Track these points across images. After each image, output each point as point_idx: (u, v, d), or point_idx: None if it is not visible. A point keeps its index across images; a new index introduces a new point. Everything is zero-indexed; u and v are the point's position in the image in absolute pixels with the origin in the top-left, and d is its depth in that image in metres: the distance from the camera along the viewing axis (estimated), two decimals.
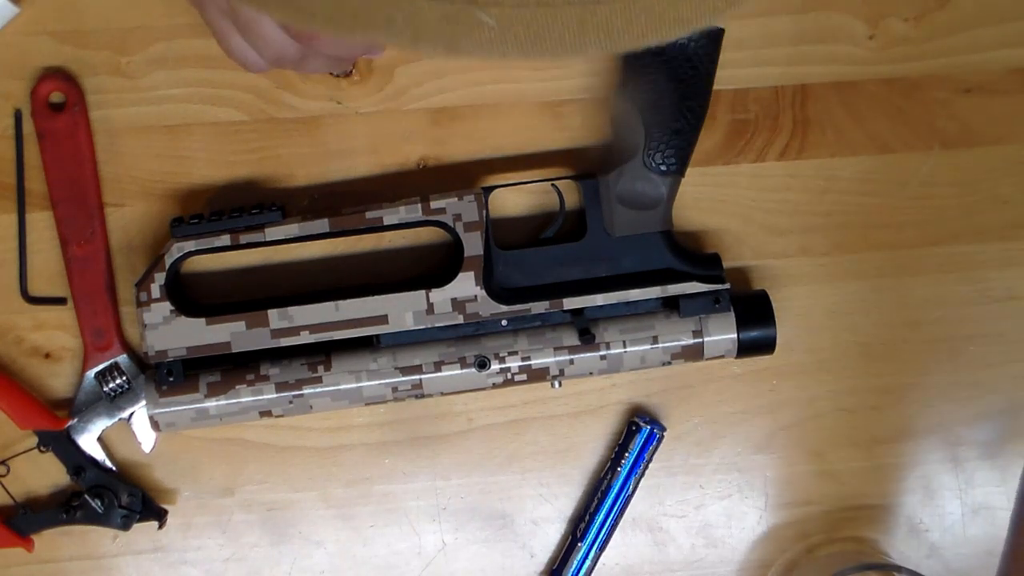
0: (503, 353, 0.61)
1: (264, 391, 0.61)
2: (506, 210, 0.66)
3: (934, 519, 0.69)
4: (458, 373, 0.62)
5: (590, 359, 0.62)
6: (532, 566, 0.68)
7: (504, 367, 0.62)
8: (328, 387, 0.61)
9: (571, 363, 0.62)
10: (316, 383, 0.61)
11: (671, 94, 0.61)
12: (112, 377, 0.63)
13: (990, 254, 0.69)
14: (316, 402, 0.61)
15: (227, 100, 0.64)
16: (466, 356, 0.61)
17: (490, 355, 0.61)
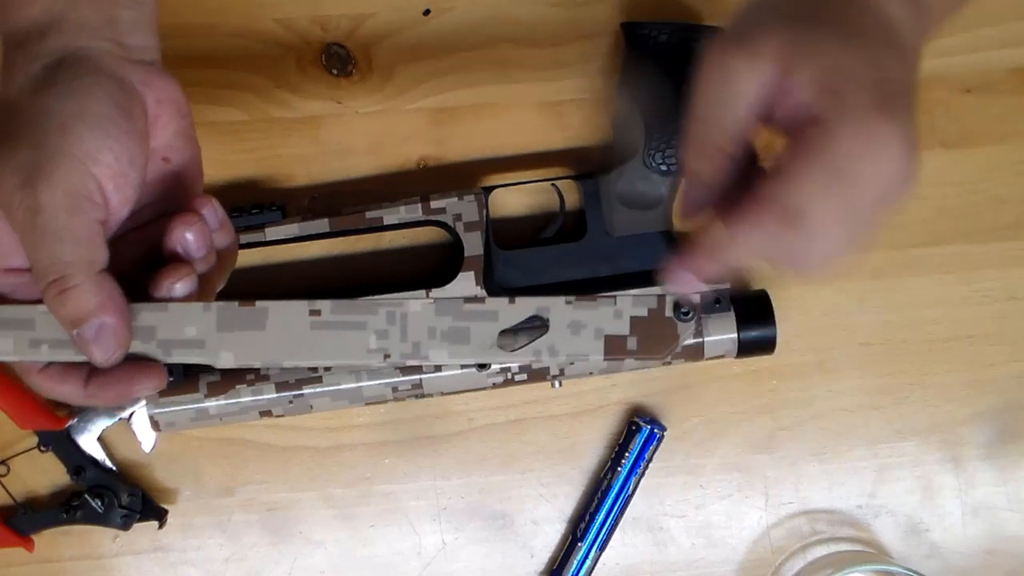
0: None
1: (264, 391, 0.61)
2: (506, 210, 0.66)
3: (934, 519, 0.69)
4: (458, 373, 0.62)
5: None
6: (532, 566, 0.68)
7: (504, 367, 0.62)
8: (328, 387, 0.61)
9: (571, 363, 0.62)
10: (316, 383, 0.61)
11: (671, 94, 0.61)
12: None
13: (990, 254, 0.69)
14: (316, 402, 0.61)
15: (227, 100, 0.64)
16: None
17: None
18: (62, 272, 0.41)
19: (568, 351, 0.48)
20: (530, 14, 0.65)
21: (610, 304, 0.48)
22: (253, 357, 0.47)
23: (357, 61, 0.65)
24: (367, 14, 0.64)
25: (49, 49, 0.44)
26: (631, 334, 0.48)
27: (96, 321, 0.42)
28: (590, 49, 0.66)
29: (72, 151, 0.41)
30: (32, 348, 0.45)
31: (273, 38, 0.64)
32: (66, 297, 0.42)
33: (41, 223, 0.41)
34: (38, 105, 0.43)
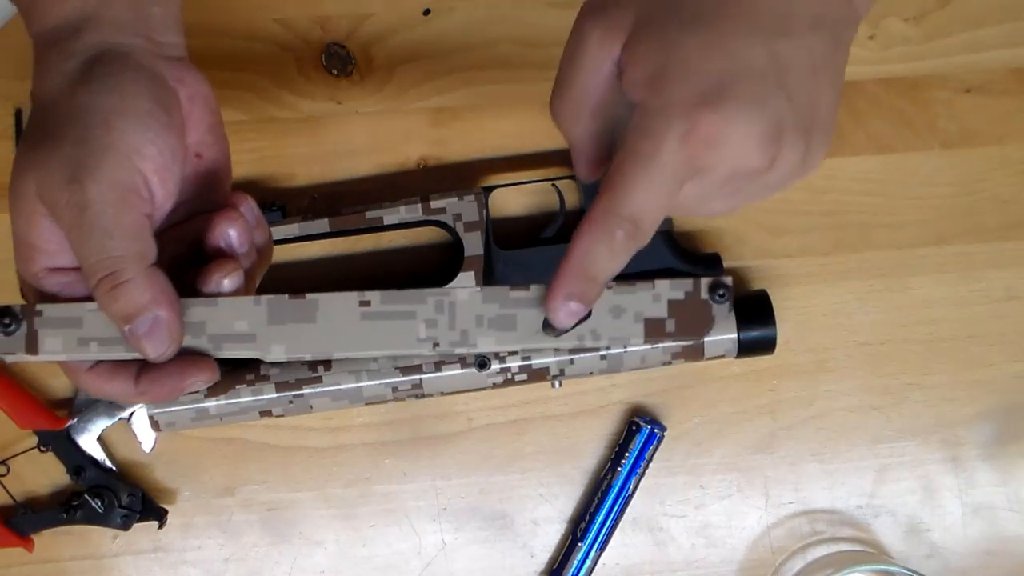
0: (503, 353, 0.61)
1: (264, 391, 0.61)
2: (506, 210, 0.66)
3: (934, 519, 0.69)
4: (458, 373, 0.62)
5: (590, 359, 0.62)
6: (532, 566, 0.68)
7: (504, 367, 0.62)
8: (328, 387, 0.61)
9: (571, 363, 0.62)
10: (316, 383, 0.61)
11: None
12: None
13: (990, 254, 0.69)
14: (316, 402, 0.61)
15: (227, 100, 0.64)
16: (466, 356, 0.61)
17: (490, 355, 0.61)
18: (113, 267, 0.41)
19: (610, 335, 0.49)
20: (530, 14, 0.65)
21: (648, 288, 0.48)
22: (304, 349, 0.47)
23: (357, 61, 0.65)
24: (367, 14, 0.64)
25: (84, 46, 0.44)
26: (669, 316, 0.49)
27: (149, 315, 0.42)
28: None
29: (117, 145, 0.41)
30: (81, 347, 0.45)
31: (273, 38, 0.64)
32: (118, 292, 0.41)
33: (89, 219, 0.41)
34: (78, 101, 0.42)
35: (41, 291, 0.44)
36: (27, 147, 0.43)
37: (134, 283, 0.42)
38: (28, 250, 0.43)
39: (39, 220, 0.42)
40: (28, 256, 0.43)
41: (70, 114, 0.42)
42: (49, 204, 0.42)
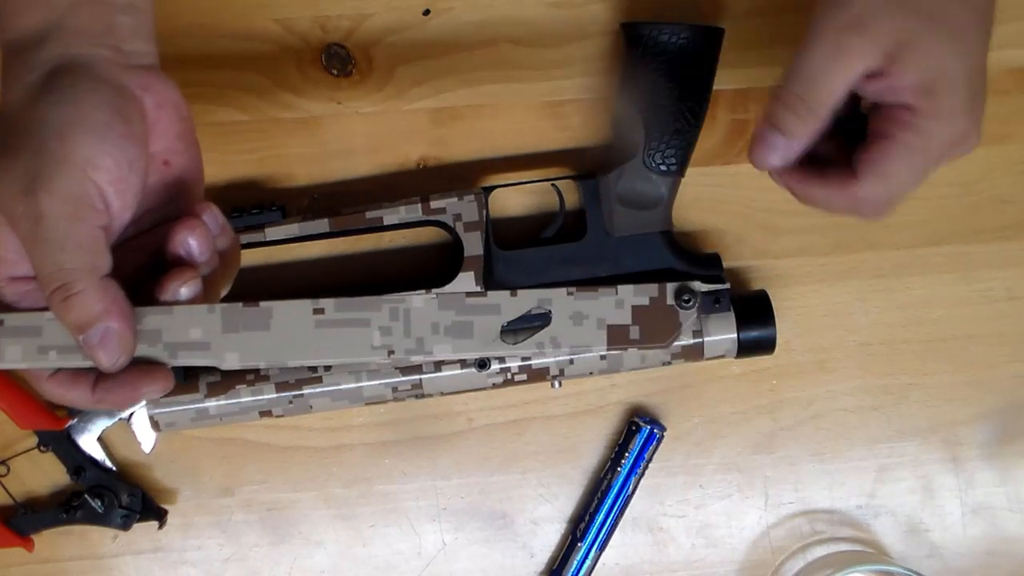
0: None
1: (264, 391, 0.61)
2: (506, 210, 0.66)
3: (934, 519, 0.69)
4: (458, 373, 0.62)
5: (590, 359, 0.62)
6: (532, 566, 0.68)
7: (504, 367, 0.62)
8: (328, 387, 0.61)
9: (571, 363, 0.62)
10: (316, 383, 0.61)
11: (671, 94, 0.61)
12: None
13: (990, 254, 0.69)
14: (316, 402, 0.61)
15: (227, 100, 0.64)
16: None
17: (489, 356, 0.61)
18: (66, 279, 0.42)
19: (571, 342, 0.48)
20: (530, 14, 0.65)
21: (611, 294, 0.48)
22: (258, 357, 0.47)
23: (357, 61, 0.65)
24: (367, 14, 0.64)
25: (46, 57, 0.44)
26: (633, 323, 0.49)
27: (101, 326, 0.43)
28: (590, 49, 0.66)
29: (71, 158, 0.42)
30: (40, 355, 0.45)
31: (273, 38, 0.64)
32: (71, 303, 0.42)
33: (43, 231, 0.41)
34: (36, 113, 0.43)
35: (1, 300, 0.45)
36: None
37: (86, 294, 0.42)
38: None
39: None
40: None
41: (27, 126, 0.42)
42: (6, 215, 0.42)
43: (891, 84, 0.49)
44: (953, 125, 0.49)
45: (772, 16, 0.66)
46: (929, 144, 0.49)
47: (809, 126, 0.50)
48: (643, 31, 0.60)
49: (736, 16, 0.65)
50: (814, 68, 0.49)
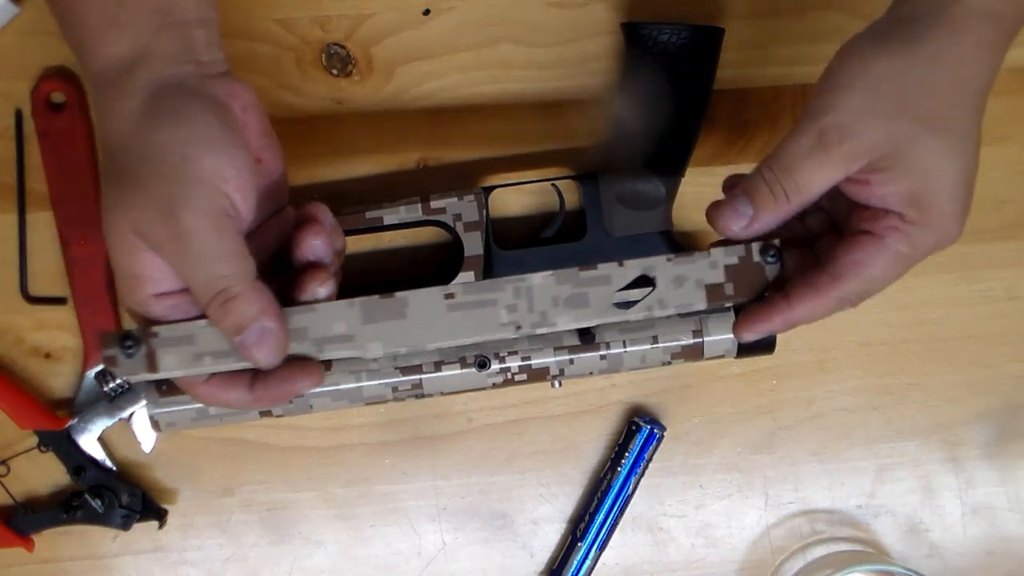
0: (503, 353, 0.61)
1: None
2: (506, 210, 0.66)
3: (934, 519, 0.69)
4: (458, 373, 0.62)
5: (590, 359, 0.62)
6: (532, 566, 0.68)
7: (504, 367, 0.62)
8: (328, 387, 0.61)
9: (571, 363, 0.62)
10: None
11: (671, 94, 0.61)
12: (112, 377, 0.63)
13: (990, 254, 0.69)
14: (316, 402, 0.61)
15: None
16: (466, 356, 0.61)
17: (490, 355, 0.61)
18: (223, 285, 0.45)
19: (676, 302, 0.53)
20: (530, 14, 0.65)
21: (705, 257, 0.53)
22: (399, 343, 0.51)
23: (357, 61, 0.65)
24: (367, 14, 0.64)
25: (140, 83, 0.46)
26: (727, 280, 0.53)
27: (258, 326, 0.46)
28: (590, 49, 0.66)
29: (200, 175, 0.44)
30: (196, 361, 0.48)
31: (273, 38, 0.64)
32: (229, 307, 0.45)
33: (193, 247, 0.44)
34: (152, 139, 0.45)
35: (149, 316, 0.47)
36: (111, 189, 0.46)
37: (243, 298, 0.45)
38: (134, 281, 0.46)
39: (140, 253, 0.45)
40: (135, 286, 0.46)
41: (148, 152, 0.45)
42: (147, 238, 0.45)
43: (877, 192, 0.48)
44: (944, 233, 0.48)
45: (772, 16, 0.66)
46: (916, 251, 0.49)
47: (780, 210, 0.50)
48: (643, 31, 0.60)
49: (736, 16, 0.65)
50: (794, 159, 0.49)
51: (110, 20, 0.46)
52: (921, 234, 0.48)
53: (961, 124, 0.48)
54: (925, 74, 0.48)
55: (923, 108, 0.47)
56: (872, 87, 0.48)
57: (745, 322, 0.53)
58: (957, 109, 0.48)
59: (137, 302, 0.46)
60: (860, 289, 0.50)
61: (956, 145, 0.48)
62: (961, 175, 0.48)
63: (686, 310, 0.53)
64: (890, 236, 0.48)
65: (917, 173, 0.47)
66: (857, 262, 0.49)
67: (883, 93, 0.47)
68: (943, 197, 0.48)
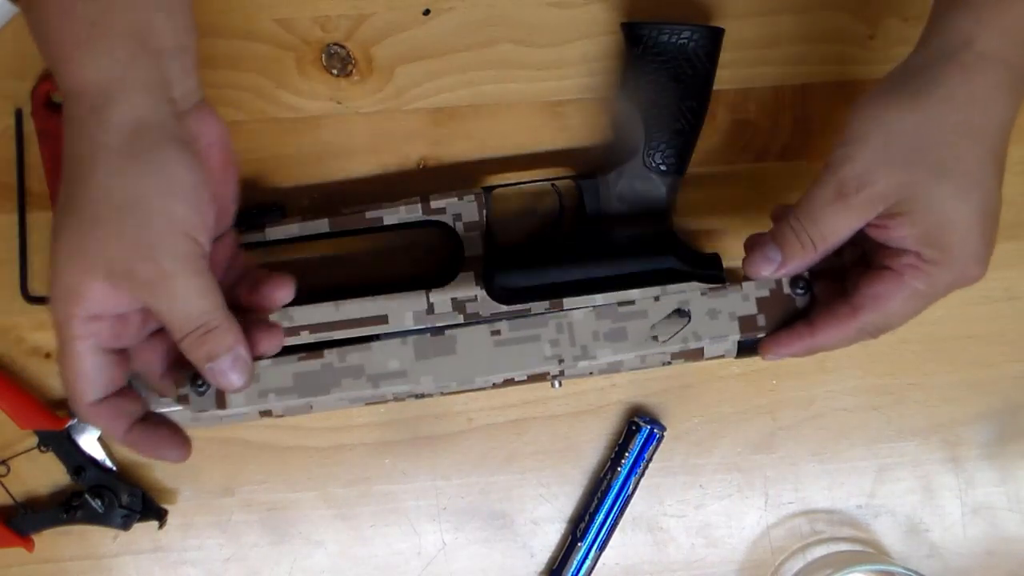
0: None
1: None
2: (506, 210, 0.66)
3: (934, 519, 0.69)
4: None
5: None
6: (532, 566, 0.68)
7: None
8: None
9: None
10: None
11: (671, 94, 0.61)
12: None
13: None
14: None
15: (227, 100, 0.64)
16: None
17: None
18: (204, 320, 0.48)
19: (710, 334, 0.57)
20: (530, 14, 0.65)
21: (737, 290, 0.57)
22: (449, 378, 0.56)
23: (357, 61, 0.65)
24: (367, 14, 0.64)
25: (116, 118, 0.47)
26: (759, 312, 0.57)
27: (233, 353, 0.49)
28: (590, 49, 0.66)
29: (175, 226, 0.47)
30: (261, 398, 0.54)
31: (273, 38, 0.64)
32: (207, 339, 0.48)
33: (177, 288, 0.47)
34: (129, 185, 0.47)
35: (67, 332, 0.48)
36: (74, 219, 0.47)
37: (220, 329, 0.48)
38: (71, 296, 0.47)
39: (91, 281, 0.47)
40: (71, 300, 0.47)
41: (124, 197, 0.47)
42: (125, 278, 0.47)
43: (895, 235, 0.51)
44: (961, 272, 0.51)
45: (772, 16, 0.66)
46: (934, 289, 0.52)
47: (806, 256, 0.53)
48: (643, 31, 0.60)
49: (736, 16, 0.66)
50: (817, 209, 0.52)
51: (83, 40, 0.47)
52: (939, 272, 0.51)
53: (973, 166, 0.50)
54: (935, 122, 0.50)
55: (933, 155, 0.50)
56: (885, 138, 0.51)
57: (770, 345, 0.57)
58: (968, 152, 0.50)
59: (65, 314, 0.48)
60: (879, 322, 0.53)
61: (967, 187, 0.50)
62: (975, 215, 0.50)
63: (720, 342, 0.57)
64: (908, 273, 0.52)
65: (930, 216, 0.50)
66: (877, 295, 0.53)
67: (895, 143, 0.50)
68: (957, 237, 0.50)
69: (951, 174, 0.50)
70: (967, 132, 0.50)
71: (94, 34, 0.47)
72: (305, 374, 0.57)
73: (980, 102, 0.50)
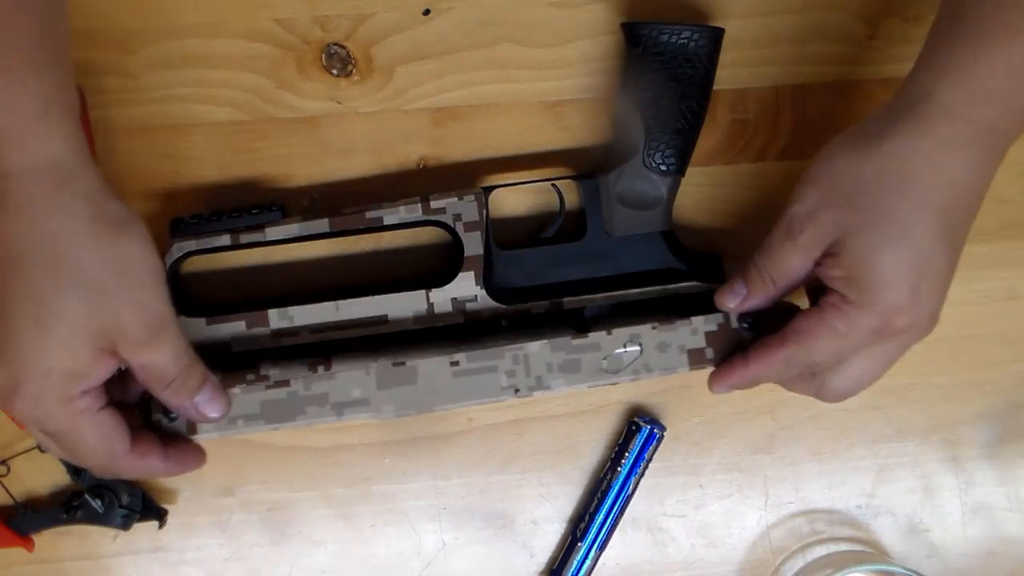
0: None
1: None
2: (506, 210, 0.66)
3: (934, 519, 0.69)
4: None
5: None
6: (532, 566, 0.68)
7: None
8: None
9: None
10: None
11: (671, 94, 0.61)
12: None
13: (990, 254, 0.69)
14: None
15: (227, 100, 0.64)
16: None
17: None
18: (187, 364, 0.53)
19: (660, 367, 0.59)
20: (530, 14, 0.65)
21: (687, 324, 0.59)
22: (410, 407, 0.58)
23: (357, 61, 0.65)
24: (367, 14, 0.64)
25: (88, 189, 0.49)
26: (707, 346, 0.59)
27: (208, 386, 0.55)
28: (590, 49, 0.66)
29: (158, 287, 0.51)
30: (230, 424, 0.57)
31: (273, 38, 0.64)
32: (188, 383, 0.53)
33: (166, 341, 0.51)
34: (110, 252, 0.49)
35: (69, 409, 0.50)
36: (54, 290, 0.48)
37: (194, 370, 0.53)
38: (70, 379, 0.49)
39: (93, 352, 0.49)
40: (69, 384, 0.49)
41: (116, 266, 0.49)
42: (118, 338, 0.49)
43: (827, 274, 0.53)
44: (882, 319, 0.52)
45: (772, 16, 0.66)
46: (852, 331, 0.53)
47: (767, 292, 0.56)
48: (643, 31, 0.60)
49: (736, 16, 0.66)
50: (774, 247, 0.55)
51: (40, 116, 0.48)
52: (858, 315, 0.52)
53: (903, 217, 0.51)
54: (876, 171, 0.51)
55: (868, 202, 0.51)
56: (831, 181, 0.53)
57: (714, 377, 0.59)
58: (901, 204, 0.51)
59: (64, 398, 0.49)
60: (802, 357, 0.54)
61: (894, 238, 0.51)
62: (903, 266, 0.51)
63: (670, 373, 0.59)
64: (828, 311, 0.53)
65: (855, 260, 0.51)
66: (800, 330, 0.54)
67: (838, 187, 0.52)
68: (879, 284, 0.51)
69: (880, 223, 0.51)
70: (904, 183, 0.51)
71: (49, 110, 0.48)
72: (272, 402, 0.58)
73: (926, 155, 0.51)
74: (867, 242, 0.51)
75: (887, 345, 0.54)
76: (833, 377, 0.56)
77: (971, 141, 0.51)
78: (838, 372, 0.55)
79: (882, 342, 0.54)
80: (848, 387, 0.56)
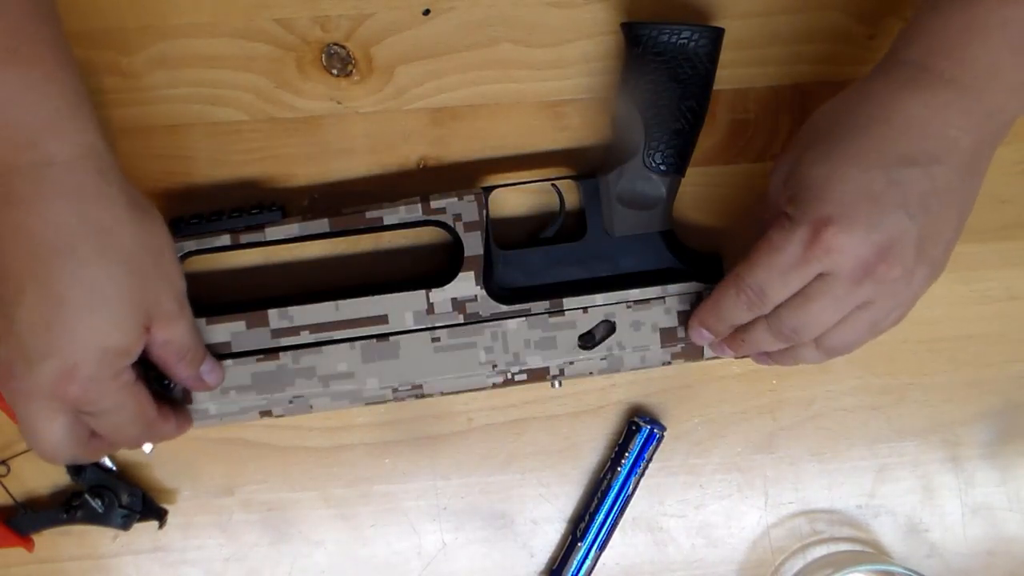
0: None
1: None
2: (506, 210, 0.66)
3: (934, 519, 0.69)
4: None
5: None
6: (532, 566, 0.68)
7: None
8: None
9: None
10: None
11: (671, 94, 0.61)
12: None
13: (990, 254, 0.69)
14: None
15: (227, 100, 0.64)
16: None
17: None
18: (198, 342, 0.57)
19: (632, 344, 0.61)
20: (530, 14, 0.65)
21: (660, 303, 0.61)
22: (393, 379, 0.60)
23: (357, 61, 0.65)
24: (367, 14, 0.64)
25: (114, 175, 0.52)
26: (679, 324, 0.61)
27: (208, 360, 0.58)
28: (590, 49, 0.66)
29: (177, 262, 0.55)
30: (223, 395, 0.60)
31: (273, 38, 0.64)
32: (199, 354, 0.57)
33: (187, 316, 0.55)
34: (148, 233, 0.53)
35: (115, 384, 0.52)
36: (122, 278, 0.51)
37: (201, 341, 0.58)
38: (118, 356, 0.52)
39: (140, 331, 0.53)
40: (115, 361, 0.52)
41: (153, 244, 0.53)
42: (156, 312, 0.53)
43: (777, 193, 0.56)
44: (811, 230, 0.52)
45: (772, 16, 0.66)
46: (786, 243, 0.53)
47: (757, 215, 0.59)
48: (643, 31, 0.60)
49: (736, 16, 0.66)
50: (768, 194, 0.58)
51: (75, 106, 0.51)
52: (790, 226, 0.53)
53: (847, 135, 0.53)
54: (833, 108, 0.56)
55: (819, 132, 0.55)
56: (805, 126, 0.57)
57: (688, 322, 0.61)
58: (849, 133, 0.53)
59: (115, 375, 0.52)
60: (751, 279, 0.55)
61: (826, 152, 0.53)
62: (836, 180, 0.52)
63: (643, 351, 0.61)
64: (771, 228, 0.54)
65: (796, 177, 0.54)
66: (746, 253, 0.56)
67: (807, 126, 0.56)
68: (810, 195, 0.53)
69: (820, 142, 0.54)
70: (856, 115, 0.54)
71: (80, 100, 0.51)
72: (262, 374, 0.60)
73: (877, 95, 0.54)
74: (806, 159, 0.54)
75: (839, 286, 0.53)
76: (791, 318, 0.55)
77: (930, 85, 0.53)
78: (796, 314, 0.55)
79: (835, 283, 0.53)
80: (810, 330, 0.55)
